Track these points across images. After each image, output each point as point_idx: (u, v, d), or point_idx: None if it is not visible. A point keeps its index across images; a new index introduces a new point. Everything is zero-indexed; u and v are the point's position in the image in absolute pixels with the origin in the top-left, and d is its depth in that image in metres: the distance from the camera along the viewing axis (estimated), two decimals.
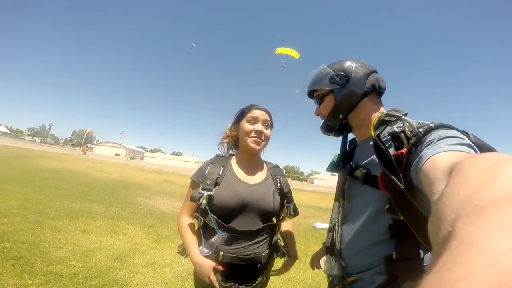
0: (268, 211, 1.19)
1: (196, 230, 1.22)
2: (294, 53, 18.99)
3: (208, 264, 1.08)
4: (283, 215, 1.30)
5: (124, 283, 2.45)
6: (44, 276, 2.30)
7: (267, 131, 1.27)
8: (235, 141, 1.34)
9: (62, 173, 9.68)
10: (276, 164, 1.39)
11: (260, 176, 1.27)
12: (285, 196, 1.26)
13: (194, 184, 1.23)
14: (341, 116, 0.89)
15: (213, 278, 1.07)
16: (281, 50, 18.90)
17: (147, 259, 3.07)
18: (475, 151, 0.54)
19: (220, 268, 1.09)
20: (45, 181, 7.27)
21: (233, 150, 1.36)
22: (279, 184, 1.26)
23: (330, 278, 0.93)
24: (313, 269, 1.21)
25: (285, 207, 1.25)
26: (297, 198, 1.37)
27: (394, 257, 0.71)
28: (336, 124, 0.92)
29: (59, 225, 3.71)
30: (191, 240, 1.16)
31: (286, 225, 1.38)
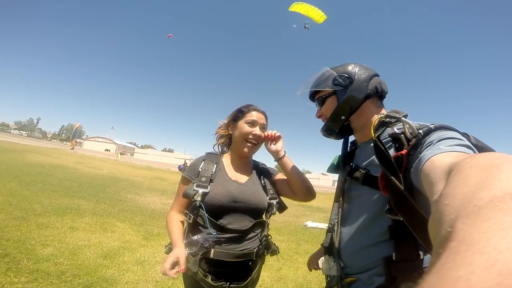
0: (257, 209, 1.20)
1: (184, 228, 1.20)
2: (316, 14, 12.94)
3: (182, 252, 1.02)
4: (270, 212, 1.29)
5: (114, 281, 2.42)
6: (31, 274, 2.24)
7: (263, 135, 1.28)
8: (228, 140, 1.34)
9: (50, 168, 9.44)
10: (262, 163, 1.40)
11: (248, 175, 1.29)
12: (268, 193, 1.26)
13: (186, 181, 1.22)
14: (343, 117, 0.89)
15: (182, 260, 0.98)
16: (297, 6, 12.92)
17: (137, 257, 3.03)
18: (474, 152, 0.54)
19: (182, 269, 0.99)
20: (32, 176, 7.07)
21: (226, 148, 1.37)
22: (263, 182, 1.28)
23: (328, 279, 0.93)
24: (310, 270, 1.20)
25: (268, 204, 1.24)
26: None
27: (393, 258, 0.71)
28: (337, 126, 0.92)
29: (46, 222, 3.62)
30: (177, 232, 1.13)
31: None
